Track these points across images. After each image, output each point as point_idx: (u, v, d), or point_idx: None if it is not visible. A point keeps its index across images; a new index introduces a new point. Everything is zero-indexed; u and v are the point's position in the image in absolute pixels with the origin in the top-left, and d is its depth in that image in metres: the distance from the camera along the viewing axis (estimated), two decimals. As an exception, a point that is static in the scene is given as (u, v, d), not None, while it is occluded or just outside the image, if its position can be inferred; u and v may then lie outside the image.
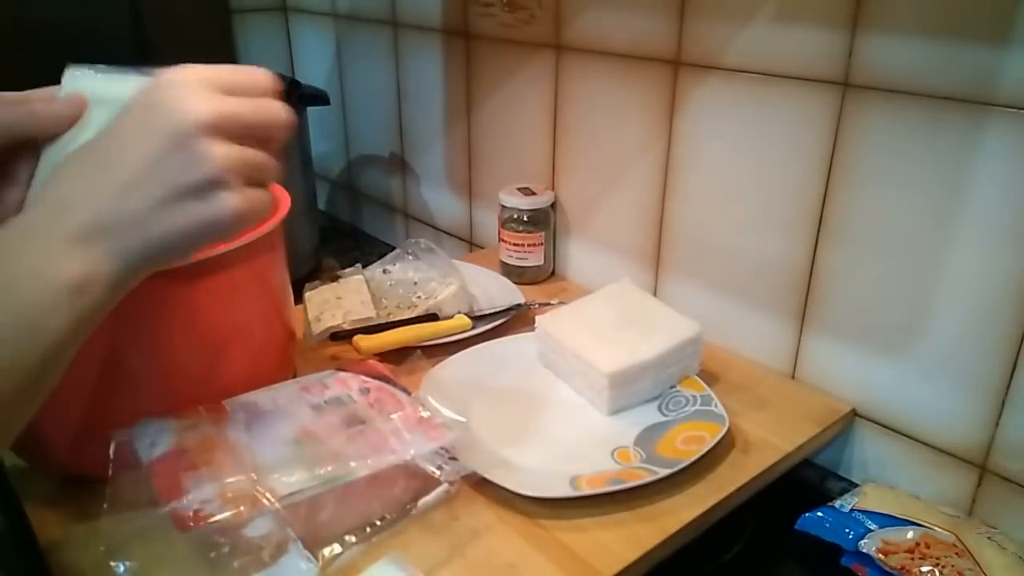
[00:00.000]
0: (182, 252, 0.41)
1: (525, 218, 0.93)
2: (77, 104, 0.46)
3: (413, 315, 0.81)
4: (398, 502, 0.56)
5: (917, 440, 0.68)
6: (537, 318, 0.75)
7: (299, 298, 0.80)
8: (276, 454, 0.53)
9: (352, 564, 0.51)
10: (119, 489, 0.50)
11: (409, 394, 0.61)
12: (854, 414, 0.71)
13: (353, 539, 0.52)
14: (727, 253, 0.78)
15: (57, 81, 0.49)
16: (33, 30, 1.04)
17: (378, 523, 0.54)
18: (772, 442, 0.65)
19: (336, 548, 0.51)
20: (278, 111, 0.42)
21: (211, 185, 0.39)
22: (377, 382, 0.62)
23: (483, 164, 1.06)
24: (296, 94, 1.02)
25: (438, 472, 0.57)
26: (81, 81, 0.48)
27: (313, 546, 0.50)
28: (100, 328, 0.54)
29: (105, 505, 0.49)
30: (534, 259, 0.95)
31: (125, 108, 0.41)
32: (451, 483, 0.57)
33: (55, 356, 0.38)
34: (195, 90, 0.39)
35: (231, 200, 0.39)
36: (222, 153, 0.39)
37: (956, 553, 0.56)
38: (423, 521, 0.56)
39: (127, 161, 0.39)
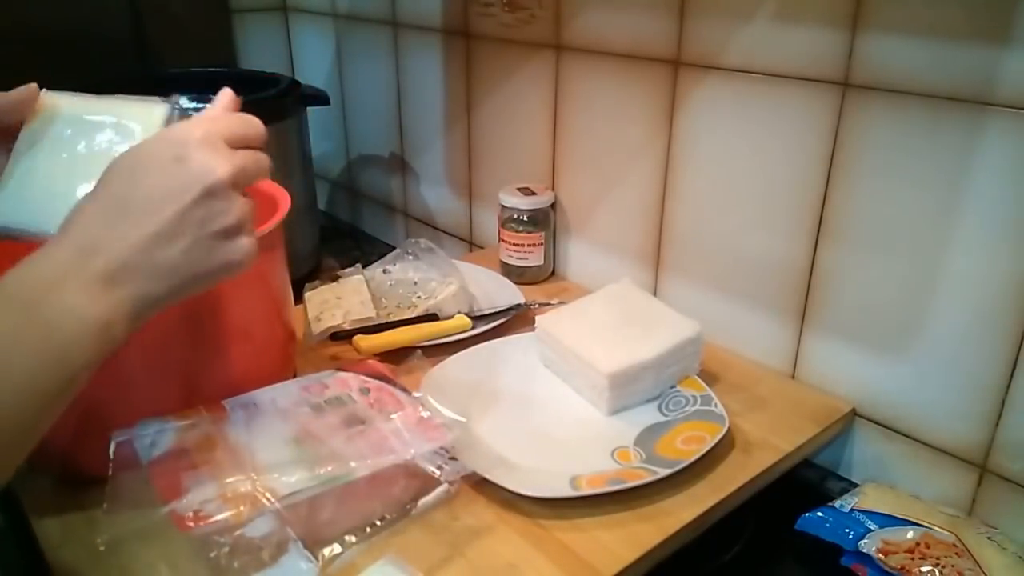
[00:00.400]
0: (198, 290, 0.45)
1: (525, 218, 0.93)
2: (30, 91, 0.49)
3: (413, 315, 0.81)
4: (398, 502, 0.56)
5: (917, 440, 0.68)
6: (537, 318, 0.75)
7: (299, 298, 0.80)
8: (276, 454, 0.53)
9: (352, 564, 0.51)
10: (119, 489, 0.50)
11: (409, 394, 0.61)
12: (854, 414, 0.71)
13: (353, 539, 0.52)
14: (727, 253, 0.78)
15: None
16: (34, 30, 1.04)
17: (378, 523, 0.54)
18: (772, 442, 0.65)
19: (336, 548, 0.51)
20: (267, 162, 0.48)
21: (234, 231, 0.44)
22: (377, 382, 0.62)
23: (483, 164, 1.06)
24: (296, 94, 1.02)
25: (438, 472, 0.57)
26: (50, 98, 0.50)
27: (313, 546, 0.50)
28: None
29: (105, 505, 0.49)
30: (534, 259, 0.95)
31: (139, 160, 0.43)
32: (451, 483, 0.57)
33: (75, 386, 0.40)
34: (214, 148, 0.44)
35: (248, 244, 0.45)
36: (242, 204, 0.44)
37: (956, 553, 0.56)
38: (423, 521, 0.56)
39: (153, 212, 0.42)
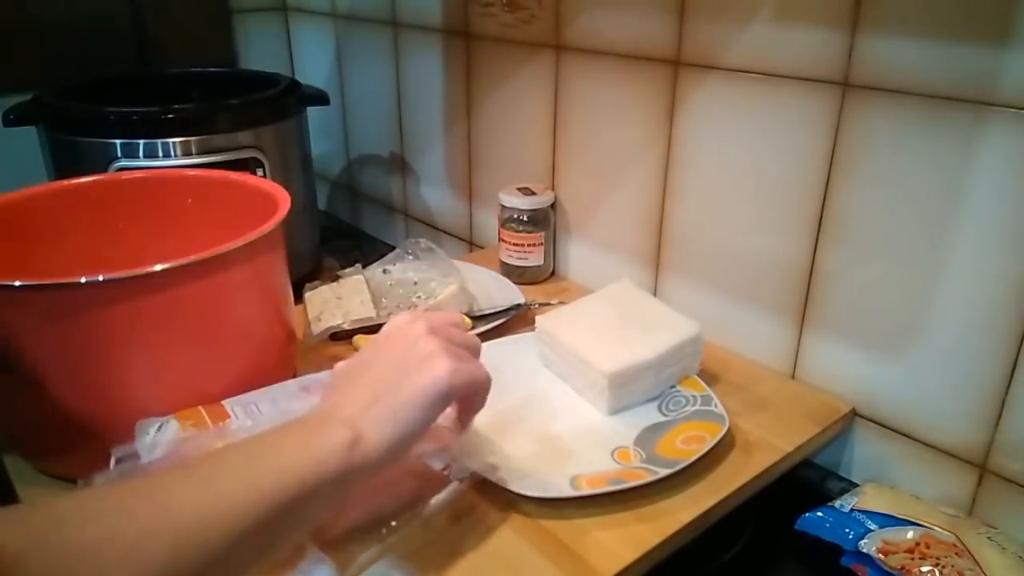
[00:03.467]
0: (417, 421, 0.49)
1: (525, 218, 0.93)
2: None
3: (413, 315, 0.81)
4: (404, 502, 0.56)
5: (917, 440, 0.68)
6: (537, 318, 0.75)
7: (299, 298, 0.80)
8: (276, 454, 0.53)
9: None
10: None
11: (409, 394, 0.61)
12: (854, 414, 0.71)
13: (372, 552, 0.52)
14: (727, 253, 0.78)
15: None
16: (34, 29, 1.04)
17: (393, 524, 0.54)
18: (772, 442, 0.65)
19: (352, 553, 0.51)
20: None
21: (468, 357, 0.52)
22: (377, 382, 0.62)
23: (483, 164, 1.06)
24: (296, 94, 1.02)
25: (443, 472, 0.57)
26: None
27: (322, 547, 0.50)
28: (99, 328, 0.54)
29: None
30: (534, 259, 0.95)
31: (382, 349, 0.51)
32: (456, 482, 0.57)
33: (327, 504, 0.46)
34: (443, 352, 0.49)
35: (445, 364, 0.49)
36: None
37: (956, 553, 0.56)
38: (423, 521, 0.56)
39: (389, 390, 0.48)
